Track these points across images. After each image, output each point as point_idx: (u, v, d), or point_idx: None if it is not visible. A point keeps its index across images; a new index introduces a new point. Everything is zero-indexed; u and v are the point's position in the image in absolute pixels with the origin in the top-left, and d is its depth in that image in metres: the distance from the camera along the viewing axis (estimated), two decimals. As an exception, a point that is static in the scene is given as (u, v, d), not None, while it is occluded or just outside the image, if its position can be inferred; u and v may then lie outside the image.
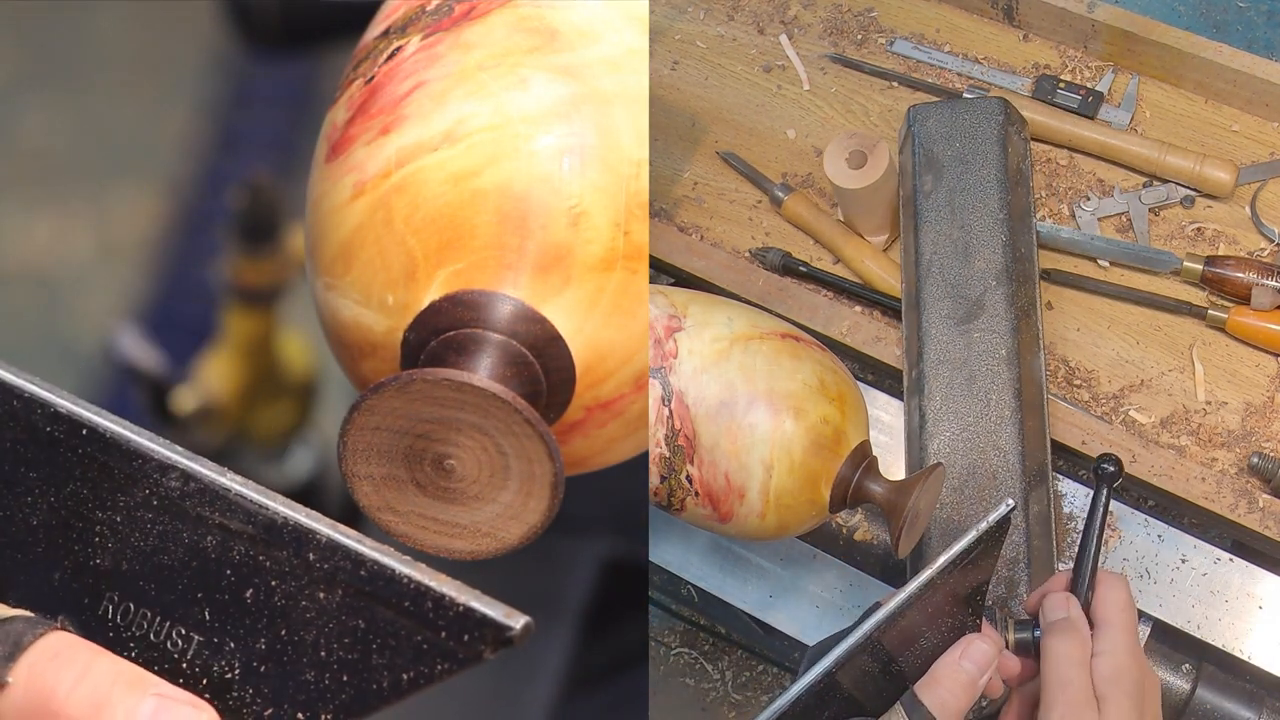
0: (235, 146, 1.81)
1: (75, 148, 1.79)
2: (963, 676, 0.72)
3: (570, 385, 0.65)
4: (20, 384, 0.52)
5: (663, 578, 1.14)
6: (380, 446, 0.62)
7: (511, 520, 0.62)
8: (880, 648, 0.70)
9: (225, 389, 1.16)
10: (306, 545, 0.49)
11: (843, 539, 1.09)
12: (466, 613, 0.47)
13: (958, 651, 0.73)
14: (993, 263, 1.03)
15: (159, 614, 0.51)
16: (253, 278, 1.13)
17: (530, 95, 0.65)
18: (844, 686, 0.70)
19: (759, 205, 1.23)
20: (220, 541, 0.50)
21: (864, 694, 0.72)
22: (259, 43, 1.03)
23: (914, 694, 0.72)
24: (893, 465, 1.05)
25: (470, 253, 0.64)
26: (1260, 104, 1.16)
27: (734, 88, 1.29)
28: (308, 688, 0.49)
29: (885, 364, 1.10)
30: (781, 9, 1.33)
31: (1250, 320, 1.08)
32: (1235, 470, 1.05)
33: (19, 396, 0.52)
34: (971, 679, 0.72)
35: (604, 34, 0.68)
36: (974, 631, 0.74)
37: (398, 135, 0.65)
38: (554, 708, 0.88)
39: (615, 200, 0.65)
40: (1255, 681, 1.01)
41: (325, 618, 0.49)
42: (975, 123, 1.08)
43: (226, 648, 0.50)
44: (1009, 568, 0.93)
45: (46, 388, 0.52)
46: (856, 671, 0.70)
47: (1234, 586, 1.00)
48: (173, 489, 0.51)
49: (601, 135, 0.65)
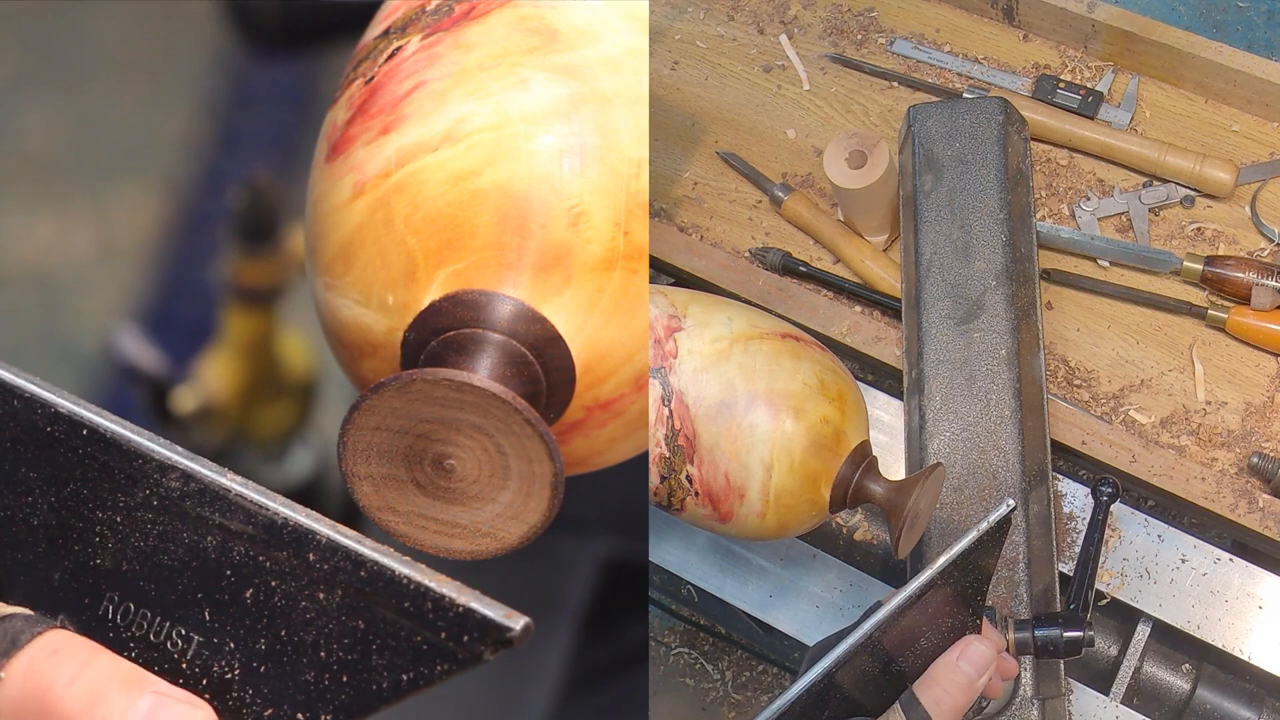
0: (235, 146, 1.81)
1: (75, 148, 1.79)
2: (960, 677, 0.72)
3: (570, 385, 0.65)
4: (21, 384, 0.53)
5: (663, 578, 1.14)
6: (380, 446, 0.62)
7: (511, 520, 0.62)
8: (880, 648, 0.70)
9: (225, 389, 1.16)
10: (306, 546, 0.49)
11: (843, 539, 1.09)
12: (466, 614, 0.47)
13: (956, 652, 0.73)
14: (993, 263, 1.03)
15: (159, 614, 0.51)
16: (253, 278, 1.13)
17: (530, 95, 0.65)
18: (844, 686, 0.70)
19: (759, 205, 1.23)
20: (220, 542, 0.50)
21: (863, 694, 0.72)
22: (259, 43, 1.04)
23: (912, 693, 0.72)
24: (893, 465, 1.05)
25: (470, 252, 0.64)
26: (1260, 104, 1.16)
27: (734, 88, 1.29)
28: (307, 688, 0.49)
29: (885, 364, 1.10)
30: (781, 9, 1.33)
31: (1250, 320, 1.08)
32: (1235, 470, 1.05)
33: (19, 396, 0.52)
34: (969, 680, 0.73)
35: (604, 34, 0.68)
36: (974, 632, 0.74)
37: (398, 135, 0.65)
38: (554, 708, 0.88)
39: (615, 200, 0.65)
40: (1255, 681, 1.01)
41: (325, 618, 0.49)
42: (975, 123, 1.08)
43: (226, 648, 0.50)
44: (1009, 568, 0.93)
45: (47, 388, 0.53)
46: (856, 671, 0.70)
47: (1234, 586, 1.00)
48: (173, 489, 0.51)
49: (602, 135, 0.65)
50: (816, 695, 0.68)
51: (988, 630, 0.75)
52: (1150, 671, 1.03)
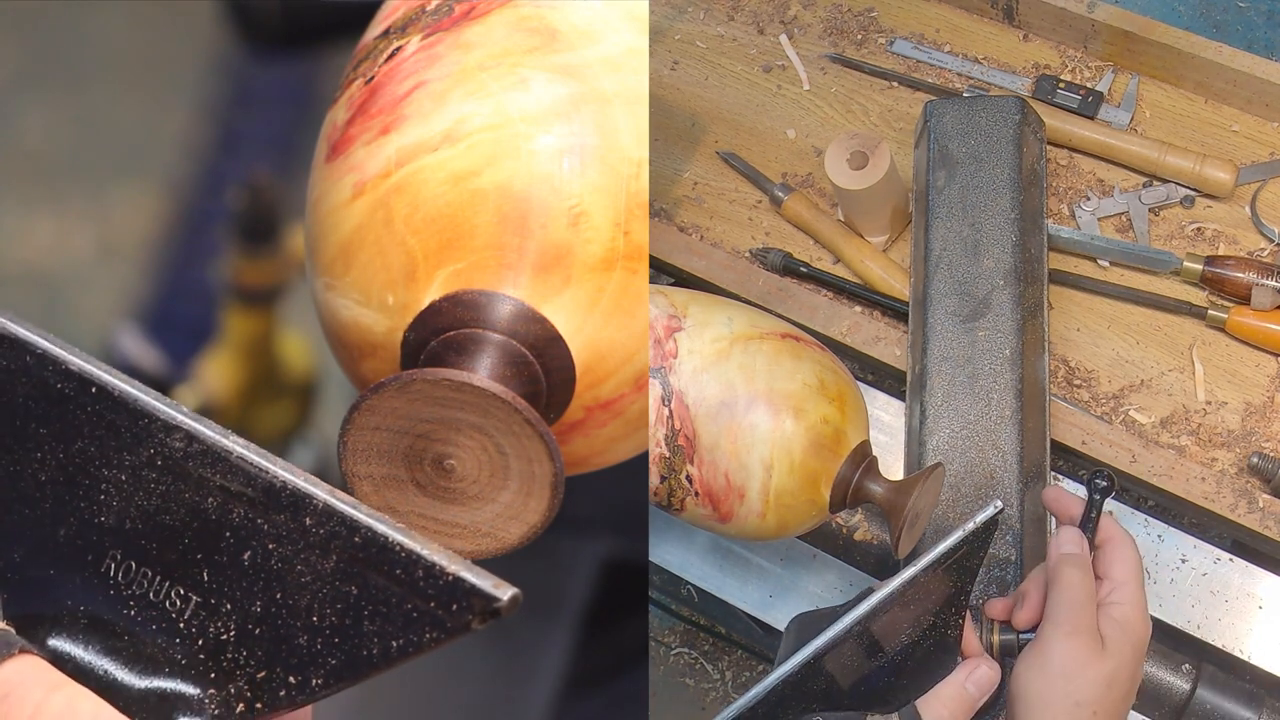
0: (235, 146, 1.81)
1: (75, 148, 1.79)
2: (967, 701, 0.73)
3: (570, 385, 0.65)
4: (33, 340, 0.53)
5: (663, 578, 1.14)
6: (380, 446, 0.62)
7: (511, 520, 0.62)
8: (862, 641, 0.71)
9: (225, 389, 1.16)
10: (304, 510, 0.50)
11: (843, 539, 1.09)
12: (456, 582, 0.47)
13: (964, 673, 0.74)
14: (1002, 262, 1.03)
15: (159, 573, 0.52)
16: (253, 278, 1.13)
17: (530, 95, 0.65)
18: (826, 673, 0.70)
19: (759, 205, 1.23)
20: (221, 503, 0.51)
21: (844, 681, 0.72)
22: (259, 43, 1.04)
23: (915, 709, 0.72)
24: (893, 465, 1.05)
25: (470, 253, 0.64)
26: (1260, 104, 1.16)
27: (734, 88, 1.29)
28: (300, 651, 0.49)
29: (885, 364, 1.10)
30: (781, 9, 1.33)
31: (1250, 320, 1.08)
32: (1235, 470, 1.05)
33: (31, 352, 0.53)
34: (973, 702, 0.74)
35: (604, 34, 0.68)
36: (956, 632, 0.75)
37: (398, 135, 0.65)
38: (554, 708, 0.88)
39: (615, 200, 0.65)
40: (1255, 681, 1.01)
41: (320, 583, 0.49)
42: (991, 121, 1.08)
43: (223, 609, 0.51)
44: (1001, 568, 0.93)
45: (59, 344, 0.53)
46: (836, 662, 0.70)
47: (1234, 586, 1.00)
48: (176, 449, 0.51)
49: (602, 135, 0.65)
50: (798, 680, 0.69)
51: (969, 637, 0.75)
52: (1150, 671, 1.02)
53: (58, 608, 0.52)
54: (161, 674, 0.51)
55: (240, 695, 0.50)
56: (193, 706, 0.51)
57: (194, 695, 0.51)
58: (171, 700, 0.51)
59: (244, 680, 0.50)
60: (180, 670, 0.51)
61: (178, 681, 0.51)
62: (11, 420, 0.53)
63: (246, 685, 0.50)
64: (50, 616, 0.52)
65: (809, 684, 0.70)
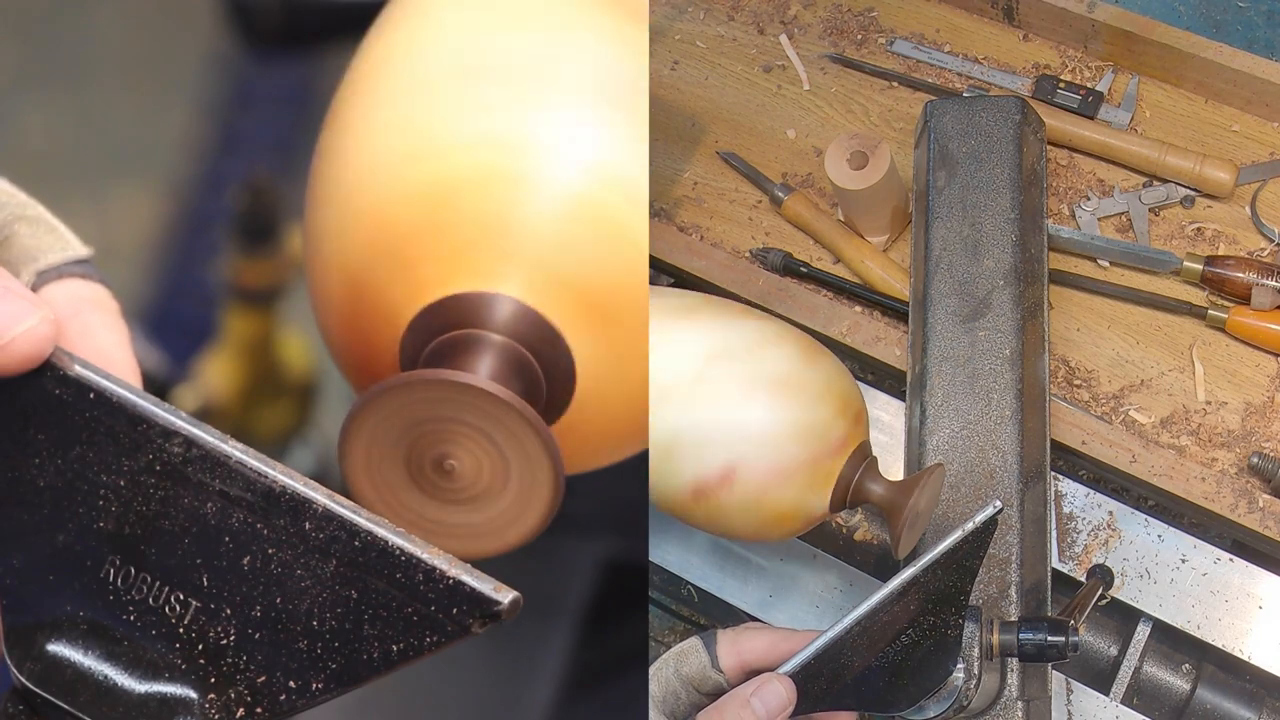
0: (235, 146, 1.81)
1: (75, 148, 1.79)
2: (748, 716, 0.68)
3: (570, 385, 0.65)
4: None
5: (663, 578, 1.14)
6: (380, 447, 0.62)
7: (512, 520, 0.62)
8: (860, 642, 0.71)
9: (225, 389, 1.16)
10: (304, 514, 0.50)
11: (843, 539, 1.09)
12: (456, 586, 0.47)
13: (750, 688, 0.69)
14: (1002, 261, 1.03)
15: (159, 578, 0.52)
16: (253, 278, 1.13)
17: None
18: (825, 674, 0.70)
19: (759, 205, 1.23)
20: (220, 508, 0.51)
21: (844, 681, 0.72)
22: (259, 43, 1.04)
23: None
24: (893, 465, 1.05)
25: (469, 253, 0.64)
26: (1260, 104, 1.16)
27: (734, 88, 1.29)
28: (300, 656, 0.50)
29: (885, 364, 1.10)
30: (781, 9, 1.33)
31: (1250, 320, 1.08)
32: (1235, 470, 1.05)
33: None
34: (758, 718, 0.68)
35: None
36: (956, 632, 0.74)
37: (397, 136, 0.65)
38: (554, 708, 0.88)
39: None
40: (1255, 681, 1.01)
41: (320, 587, 0.49)
42: (992, 121, 1.08)
43: (223, 614, 0.51)
44: (1000, 568, 0.93)
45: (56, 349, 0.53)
46: (836, 662, 0.71)
47: (1234, 586, 1.00)
48: (175, 454, 0.51)
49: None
50: (798, 680, 0.69)
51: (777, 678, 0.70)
52: (1150, 671, 1.03)
53: (57, 613, 0.52)
54: (161, 679, 0.51)
55: (240, 700, 0.50)
56: (193, 711, 0.51)
57: (194, 700, 0.51)
58: (172, 705, 0.51)
59: (244, 685, 0.50)
60: (180, 675, 0.51)
61: (178, 686, 0.51)
62: (10, 426, 0.53)
63: (246, 690, 0.50)
64: (50, 622, 0.52)
65: (809, 685, 0.70)
